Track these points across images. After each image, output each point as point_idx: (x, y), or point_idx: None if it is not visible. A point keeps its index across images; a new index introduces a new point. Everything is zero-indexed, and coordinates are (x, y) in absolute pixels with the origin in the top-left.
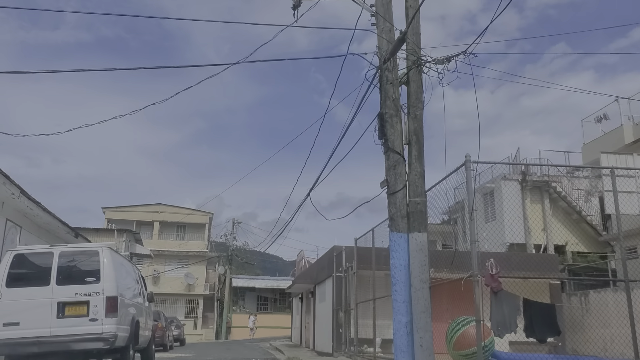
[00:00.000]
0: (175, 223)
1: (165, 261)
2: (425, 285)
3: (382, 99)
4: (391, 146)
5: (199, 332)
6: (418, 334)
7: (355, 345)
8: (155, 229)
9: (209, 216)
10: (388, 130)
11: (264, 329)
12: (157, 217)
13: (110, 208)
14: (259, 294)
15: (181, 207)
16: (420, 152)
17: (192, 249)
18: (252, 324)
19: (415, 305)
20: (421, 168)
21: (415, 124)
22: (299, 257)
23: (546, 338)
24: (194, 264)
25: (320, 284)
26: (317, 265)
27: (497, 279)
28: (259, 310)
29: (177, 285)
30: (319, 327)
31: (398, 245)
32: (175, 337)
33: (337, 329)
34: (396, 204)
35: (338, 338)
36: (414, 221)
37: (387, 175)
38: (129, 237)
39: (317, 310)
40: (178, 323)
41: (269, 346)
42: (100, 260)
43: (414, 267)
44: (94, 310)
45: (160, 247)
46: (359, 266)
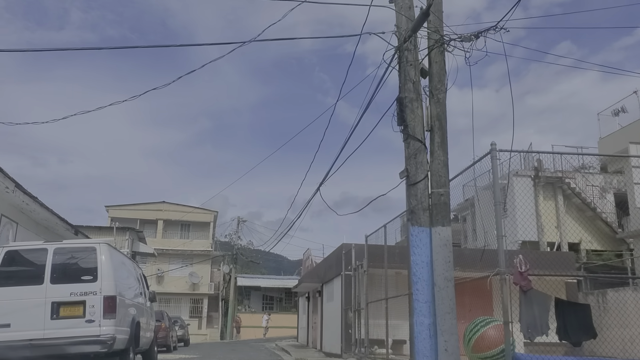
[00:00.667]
0: (180, 221)
1: (170, 260)
2: (449, 284)
3: (401, 82)
4: (411, 133)
5: (203, 332)
6: (442, 337)
7: (367, 347)
8: (159, 227)
9: (213, 214)
10: (408, 115)
11: (269, 329)
12: (161, 216)
13: (113, 206)
14: (265, 293)
15: (185, 205)
16: (444, 139)
17: (197, 248)
18: (265, 322)
19: (439, 306)
20: (445, 156)
21: (438, 109)
22: (306, 255)
23: (581, 341)
24: (198, 263)
25: (328, 283)
26: (325, 264)
27: (527, 277)
28: (264, 309)
29: (181, 285)
30: (327, 327)
31: (419, 240)
32: (179, 337)
33: (347, 330)
34: (417, 196)
35: (347, 339)
36: (436, 214)
37: (407, 164)
38: (132, 236)
39: (325, 309)
40: (182, 323)
41: (275, 346)
42: (98, 258)
43: (437, 264)
44: (90, 311)
45: (164, 245)
46: (370, 264)
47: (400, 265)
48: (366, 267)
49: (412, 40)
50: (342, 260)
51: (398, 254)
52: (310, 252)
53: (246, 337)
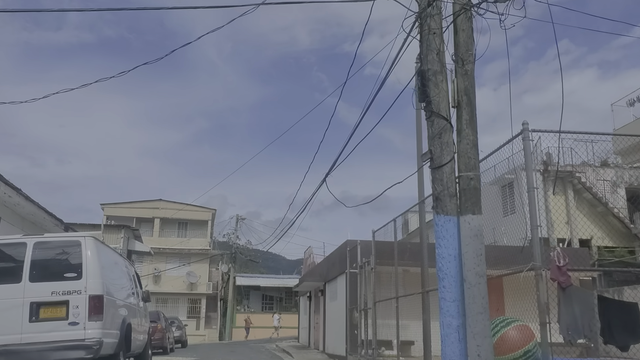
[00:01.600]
0: (177, 220)
1: (167, 259)
2: (482, 280)
3: (422, 52)
4: (435, 110)
5: (201, 333)
6: (474, 341)
7: (375, 348)
8: (156, 225)
9: (211, 212)
10: (431, 90)
11: (270, 329)
12: (157, 214)
13: (109, 204)
14: (264, 292)
15: (182, 203)
16: (473, 116)
17: (194, 247)
18: (277, 322)
19: (469, 305)
20: (474, 135)
21: (466, 82)
22: (307, 253)
23: (629, 345)
24: (196, 262)
25: (331, 282)
26: (328, 262)
27: (566, 272)
28: (263, 309)
29: (178, 284)
30: (330, 328)
31: (446, 230)
32: (177, 338)
33: (352, 330)
34: (442, 181)
35: (353, 340)
36: (465, 200)
37: (431, 145)
38: (128, 234)
39: (328, 309)
40: (179, 324)
41: (276, 347)
42: (83, 253)
43: (467, 258)
44: (74, 312)
45: (161, 244)
46: (377, 262)
47: (408, 262)
48: (374, 265)
49: (435, 7)
50: (347, 257)
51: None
52: (312, 250)
53: (243, 338)
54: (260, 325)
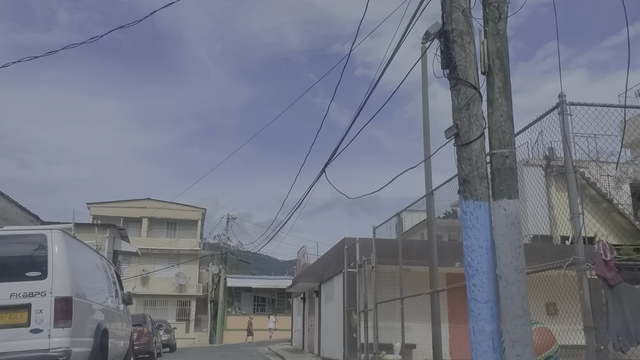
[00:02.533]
0: (165, 219)
1: (155, 260)
2: (521, 277)
3: (445, 10)
4: (462, 77)
5: (191, 336)
6: (513, 350)
7: (376, 353)
8: (144, 225)
9: (201, 212)
10: (457, 54)
11: (261, 332)
12: (145, 213)
13: (95, 204)
14: (256, 294)
15: (171, 203)
16: (507, 83)
17: (184, 247)
18: (272, 324)
19: (506, 307)
20: (508, 106)
21: (498, 43)
22: (301, 253)
23: None
24: (185, 263)
25: (326, 282)
26: (323, 261)
27: (614, 268)
28: (255, 311)
29: (167, 286)
30: (326, 330)
31: (476, 218)
32: (165, 342)
33: (350, 333)
34: (471, 160)
35: (351, 343)
36: (500, 183)
37: (457, 119)
38: (114, 233)
39: (323, 311)
40: (168, 327)
41: (268, 351)
42: (49, 249)
43: (502, 250)
44: (37, 318)
45: (149, 245)
46: (378, 260)
47: (411, 261)
48: (374, 263)
49: None
50: (344, 256)
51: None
52: (306, 250)
53: (235, 341)
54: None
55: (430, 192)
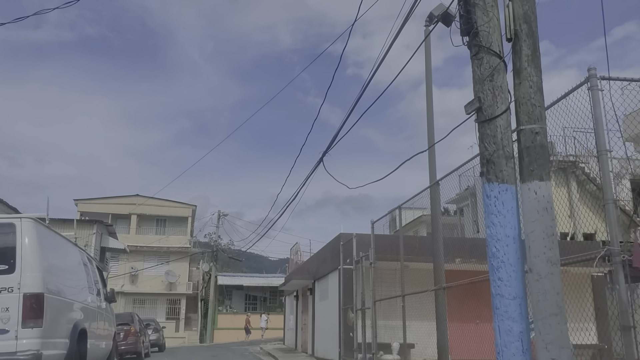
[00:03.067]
0: (155, 216)
1: (144, 258)
2: (555, 269)
3: None
4: (485, 44)
5: (181, 335)
6: (547, 353)
7: (374, 353)
8: (133, 222)
9: (191, 209)
10: (478, 18)
11: (252, 331)
12: (134, 210)
13: (83, 200)
14: (248, 292)
15: (161, 199)
16: (535, 50)
17: (174, 245)
18: (264, 323)
19: (538, 304)
20: (538, 76)
21: (526, 6)
22: (294, 250)
23: None
24: (175, 261)
25: (321, 280)
26: (318, 258)
27: None
28: (247, 310)
29: (157, 284)
30: (320, 330)
31: (501, 203)
32: (153, 342)
33: (346, 332)
34: (496, 137)
35: (347, 343)
36: (530, 162)
37: (479, 91)
38: (101, 229)
39: (318, 309)
40: (156, 326)
41: (260, 350)
42: (18, 239)
43: (533, 240)
44: (3, 317)
45: (138, 242)
46: (377, 257)
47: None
48: (373, 259)
49: None
50: (340, 252)
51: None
52: (299, 247)
53: (226, 340)
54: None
55: (436, 182)
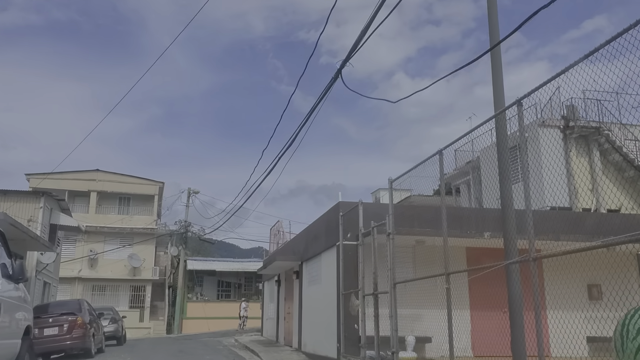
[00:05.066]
0: (117, 194)
1: (105, 239)
2: None
3: None
4: None
5: (146, 325)
6: None
7: (395, 352)
8: (92, 200)
9: (158, 186)
10: None
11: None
12: (94, 187)
13: (35, 175)
14: (220, 278)
15: (124, 175)
16: None
17: (138, 225)
18: (244, 311)
19: None
20: None
21: None
22: (275, 229)
23: None
24: (139, 243)
25: (311, 260)
26: (307, 235)
27: None
28: (220, 297)
29: (119, 269)
30: (310, 320)
31: None
32: (110, 334)
33: (348, 324)
34: None
35: (350, 337)
36: None
37: None
38: (50, 204)
39: (306, 295)
40: (115, 315)
41: (235, 343)
42: None
43: None
44: None
45: (98, 222)
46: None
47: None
48: (392, 229)
49: None
50: (339, 225)
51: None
52: (281, 225)
53: (196, 330)
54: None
55: (502, 112)
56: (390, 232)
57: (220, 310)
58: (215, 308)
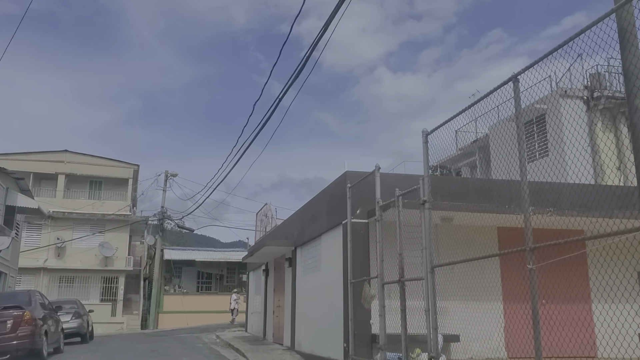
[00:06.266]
0: (88, 177)
1: (74, 226)
2: None
3: None
4: None
5: (118, 320)
6: None
7: (434, 356)
8: (60, 184)
9: (132, 169)
10: None
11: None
12: (62, 169)
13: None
14: (200, 269)
15: (95, 157)
16: None
17: (110, 211)
18: (235, 304)
19: None
20: None
21: None
22: (263, 212)
23: None
24: (112, 231)
25: (307, 245)
26: (303, 216)
27: None
28: (200, 290)
29: (89, 259)
30: (306, 314)
31: None
32: (72, 330)
33: (359, 319)
34: None
35: (361, 335)
36: None
37: None
38: (7, 182)
39: (301, 286)
40: (79, 309)
41: (217, 340)
42: None
43: None
44: None
45: (66, 207)
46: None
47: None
48: (428, 196)
49: None
50: (347, 199)
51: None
52: (270, 208)
53: (174, 326)
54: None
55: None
56: (425, 200)
57: (200, 303)
58: (195, 301)
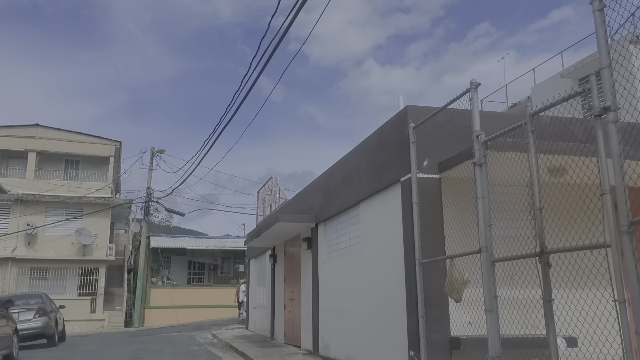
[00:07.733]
0: (63, 155)
1: (47, 210)
2: None
3: None
4: None
5: (99, 317)
6: None
7: None
8: (31, 162)
9: (114, 146)
10: None
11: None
12: (33, 146)
13: None
14: (192, 258)
15: (72, 132)
16: None
17: (89, 194)
18: (243, 296)
19: None
20: None
21: None
22: (268, 187)
23: None
24: (91, 215)
25: (335, 219)
26: (328, 183)
27: None
28: (192, 282)
29: (64, 248)
30: (336, 309)
31: None
32: (36, 331)
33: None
34: None
35: (437, 338)
36: None
37: None
38: None
39: (326, 272)
40: (45, 305)
41: (214, 340)
42: None
43: None
44: None
45: (38, 188)
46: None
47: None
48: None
49: None
50: (412, 145)
51: None
52: (276, 181)
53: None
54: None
55: None
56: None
57: (192, 297)
58: (186, 295)
